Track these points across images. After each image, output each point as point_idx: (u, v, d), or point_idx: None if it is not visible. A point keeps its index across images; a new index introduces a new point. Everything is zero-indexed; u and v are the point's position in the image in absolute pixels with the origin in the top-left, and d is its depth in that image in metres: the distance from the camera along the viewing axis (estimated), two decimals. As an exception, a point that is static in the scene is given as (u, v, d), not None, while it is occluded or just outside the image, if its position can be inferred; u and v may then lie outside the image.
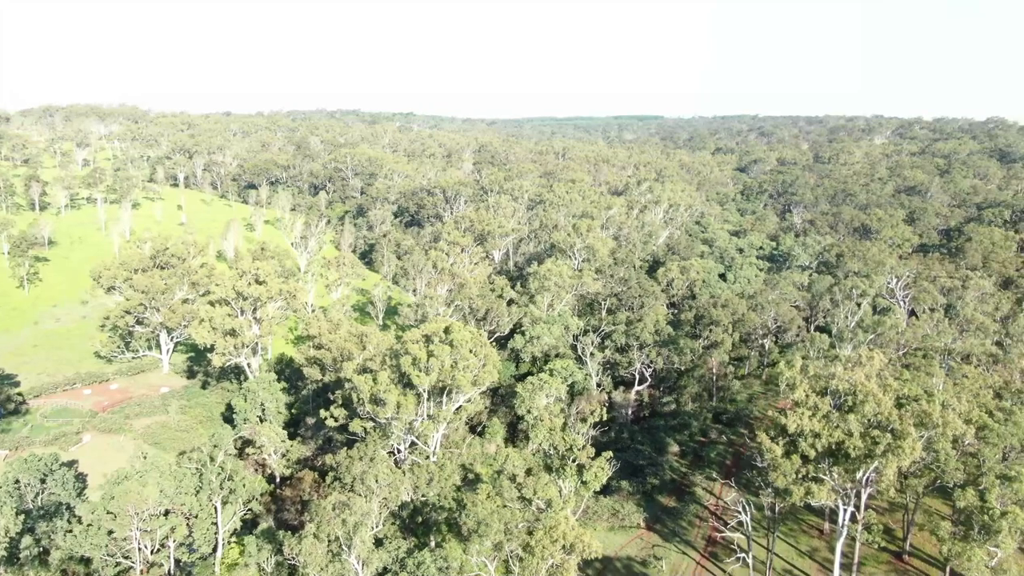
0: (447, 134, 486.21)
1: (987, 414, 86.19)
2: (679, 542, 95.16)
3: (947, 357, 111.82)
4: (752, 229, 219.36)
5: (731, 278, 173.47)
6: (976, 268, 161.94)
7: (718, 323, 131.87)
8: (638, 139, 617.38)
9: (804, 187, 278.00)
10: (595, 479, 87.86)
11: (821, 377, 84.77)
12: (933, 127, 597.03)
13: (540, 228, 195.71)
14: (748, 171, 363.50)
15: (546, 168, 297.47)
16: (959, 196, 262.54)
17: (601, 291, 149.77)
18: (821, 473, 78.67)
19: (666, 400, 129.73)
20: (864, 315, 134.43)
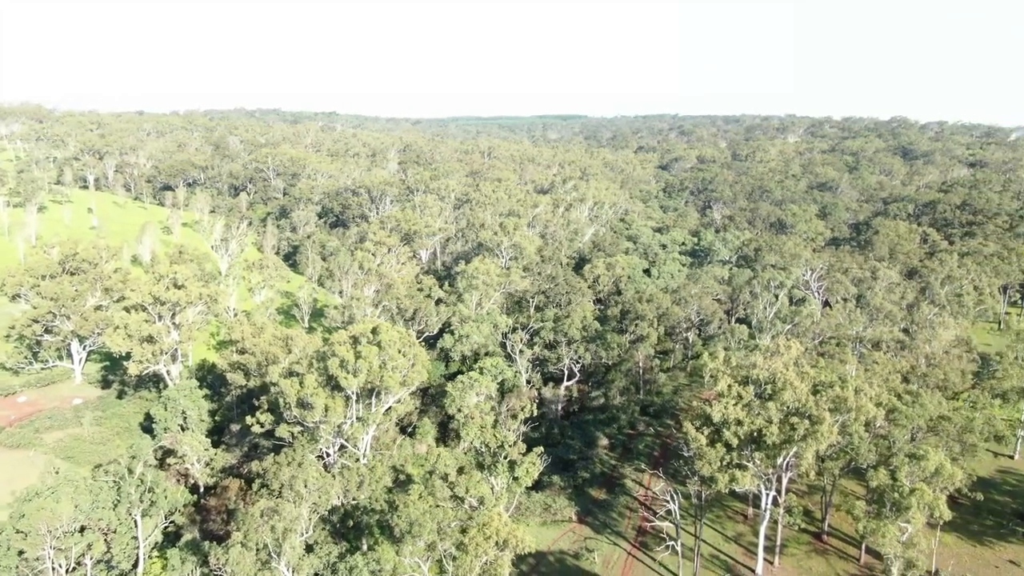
0: (371, 134, 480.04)
1: (896, 397, 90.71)
2: (610, 533, 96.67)
3: (859, 344, 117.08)
4: (674, 225, 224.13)
5: (655, 273, 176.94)
6: (884, 259, 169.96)
7: (643, 318, 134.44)
8: (562, 138, 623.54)
9: (723, 184, 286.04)
10: (527, 475, 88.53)
11: (742, 367, 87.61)
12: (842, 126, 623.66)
13: (467, 227, 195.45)
14: (669, 169, 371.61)
15: (472, 167, 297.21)
16: (867, 191, 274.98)
17: (529, 289, 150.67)
18: (744, 460, 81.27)
19: (595, 394, 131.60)
20: (781, 306, 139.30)
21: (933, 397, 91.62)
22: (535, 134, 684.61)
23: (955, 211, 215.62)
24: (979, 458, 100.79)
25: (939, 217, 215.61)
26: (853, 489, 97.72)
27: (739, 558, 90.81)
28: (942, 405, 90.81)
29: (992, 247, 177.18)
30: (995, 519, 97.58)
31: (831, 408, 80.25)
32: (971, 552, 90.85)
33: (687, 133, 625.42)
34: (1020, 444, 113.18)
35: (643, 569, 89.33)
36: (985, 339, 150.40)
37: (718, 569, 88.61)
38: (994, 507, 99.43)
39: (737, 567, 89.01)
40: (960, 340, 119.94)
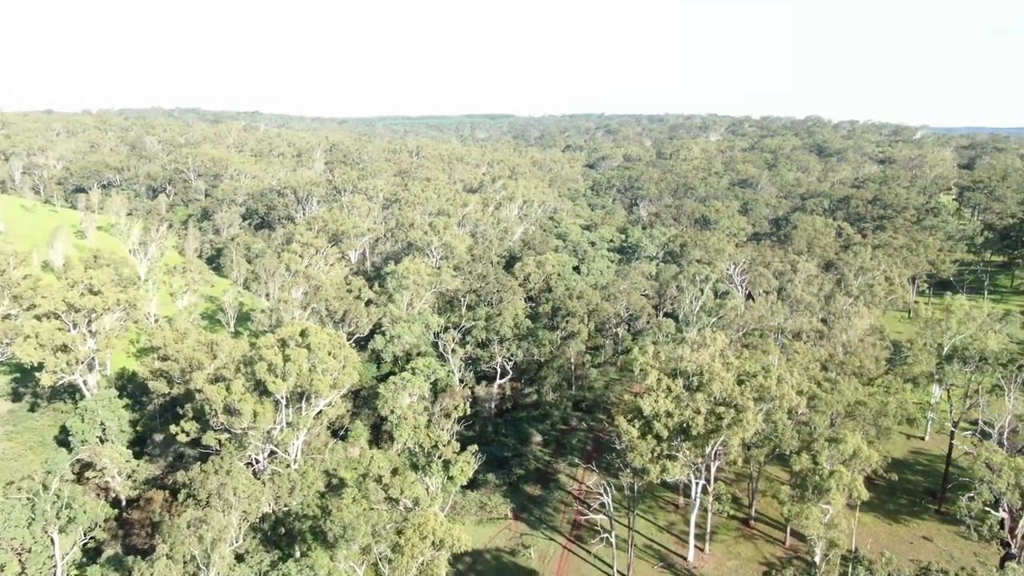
0: (296, 133, 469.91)
1: (816, 385, 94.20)
2: (546, 529, 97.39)
3: (780, 335, 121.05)
4: (602, 223, 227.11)
5: (585, 270, 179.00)
6: (802, 253, 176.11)
7: (574, 314, 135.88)
8: (491, 137, 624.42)
9: (649, 182, 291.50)
10: (461, 474, 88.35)
11: (671, 360, 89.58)
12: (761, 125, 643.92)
13: (397, 227, 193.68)
14: (597, 167, 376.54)
15: (401, 167, 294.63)
16: (785, 188, 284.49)
17: (460, 288, 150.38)
18: (674, 451, 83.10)
19: (528, 392, 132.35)
20: (707, 300, 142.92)
21: (850, 384, 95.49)
22: (464, 133, 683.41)
23: (867, 206, 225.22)
24: (893, 440, 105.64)
25: (852, 212, 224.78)
26: (778, 475, 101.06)
27: (671, 547, 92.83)
28: (858, 391, 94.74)
29: (901, 239, 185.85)
30: (909, 498, 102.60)
31: (755, 397, 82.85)
32: (887, 530, 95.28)
33: (613, 132, 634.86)
34: (930, 426, 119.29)
35: (579, 562, 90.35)
36: (896, 327, 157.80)
37: (652, 558, 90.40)
38: (907, 486, 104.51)
39: (670, 556, 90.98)
40: (874, 329, 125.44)
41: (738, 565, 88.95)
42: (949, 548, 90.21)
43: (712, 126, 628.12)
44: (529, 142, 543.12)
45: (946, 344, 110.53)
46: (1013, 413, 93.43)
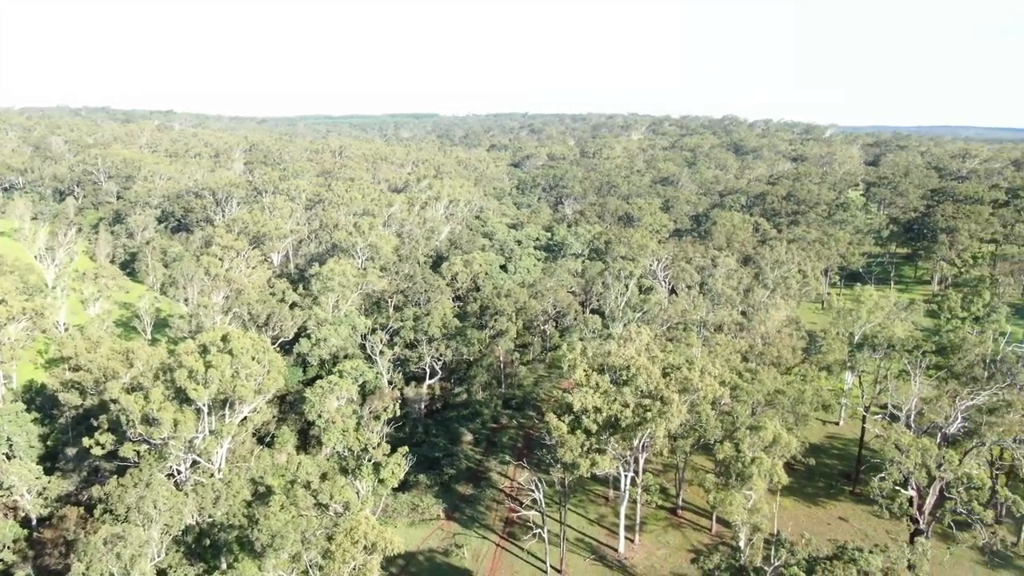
0: (213, 133, 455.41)
1: (737, 375, 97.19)
2: (479, 527, 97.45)
3: (703, 328, 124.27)
4: (528, 221, 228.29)
5: (512, 269, 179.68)
6: (722, 248, 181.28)
7: (502, 313, 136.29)
8: (415, 137, 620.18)
9: (573, 180, 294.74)
10: (392, 476, 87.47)
11: (598, 356, 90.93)
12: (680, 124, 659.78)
13: (321, 228, 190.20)
14: (522, 166, 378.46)
15: (324, 167, 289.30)
16: (704, 185, 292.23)
17: (387, 289, 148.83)
18: (603, 444, 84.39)
19: (458, 391, 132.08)
20: (632, 295, 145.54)
21: (769, 373, 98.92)
22: (388, 133, 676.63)
23: (782, 202, 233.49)
24: (810, 426, 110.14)
25: (768, 208, 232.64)
26: (703, 464, 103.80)
27: (603, 539, 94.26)
28: (777, 380, 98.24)
29: (814, 234, 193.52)
30: (826, 481, 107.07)
31: (680, 389, 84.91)
32: (807, 512, 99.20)
33: (537, 131, 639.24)
34: (844, 411, 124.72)
35: (512, 559, 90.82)
36: (811, 318, 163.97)
37: (584, 551, 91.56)
38: (824, 470, 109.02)
39: (601, 548, 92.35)
40: (790, 320, 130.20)
41: (667, 554, 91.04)
42: (864, 527, 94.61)
43: (634, 125, 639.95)
44: (454, 141, 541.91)
45: (857, 333, 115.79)
46: (919, 396, 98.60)
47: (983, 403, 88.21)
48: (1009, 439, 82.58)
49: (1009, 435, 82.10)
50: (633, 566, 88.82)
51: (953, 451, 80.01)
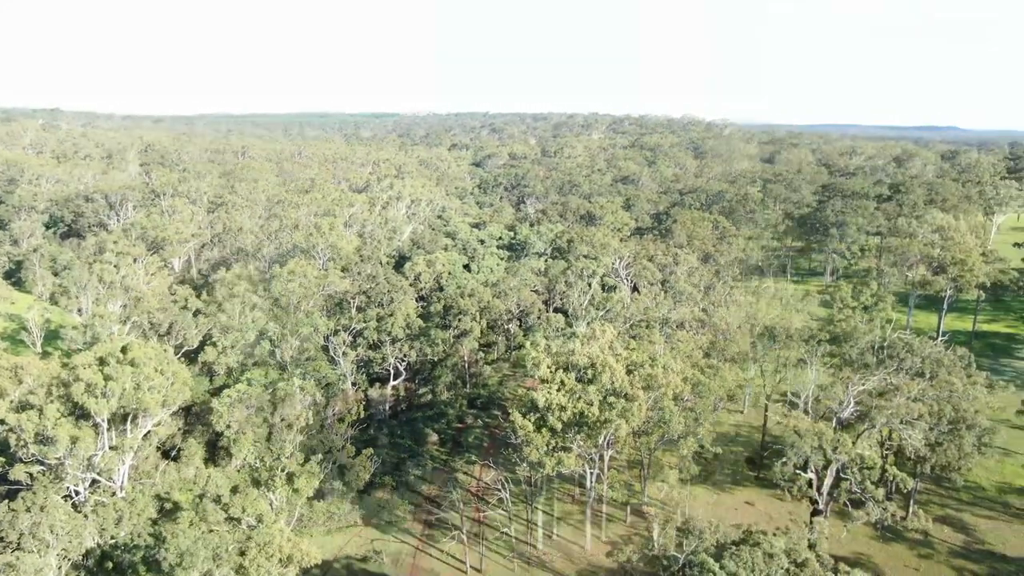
0: (105, 133, 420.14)
1: (699, 371, 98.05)
2: (397, 531, 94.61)
3: (665, 325, 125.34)
4: (491, 221, 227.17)
5: (475, 268, 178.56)
6: (683, 246, 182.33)
7: (466, 312, 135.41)
8: (376, 136, 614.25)
9: (535, 179, 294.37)
10: (306, 484, 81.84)
11: (562, 354, 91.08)
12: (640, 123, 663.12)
13: (224, 232, 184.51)
14: (483, 165, 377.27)
15: (226, 168, 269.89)
16: (665, 183, 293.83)
17: (349, 289, 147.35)
18: (569, 442, 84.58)
19: (422, 391, 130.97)
20: (595, 294, 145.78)
21: (731, 369, 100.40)
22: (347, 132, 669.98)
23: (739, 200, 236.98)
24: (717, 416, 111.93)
25: (726, 205, 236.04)
26: (668, 460, 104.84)
27: (569, 536, 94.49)
28: (738, 375, 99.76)
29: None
30: (732, 468, 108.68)
31: (644, 386, 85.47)
32: (715, 499, 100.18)
33: (498, 130, 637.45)
34: (747, 400, 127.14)
35: (431, 561, 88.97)
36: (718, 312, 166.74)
37: (552, 549, 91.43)
38: (731, 457, 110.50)
39: (568, 545, 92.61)
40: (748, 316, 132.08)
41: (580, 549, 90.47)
42: (768, 510, 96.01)
43: (594, 124, 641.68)
44: (415, 141, 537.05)
45: (757, 324, 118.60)
46: (815, 384, 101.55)
47: (873, 388, 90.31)
48: (896, 421, 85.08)
49: (897, 417, 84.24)
50: (552, 561, 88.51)
51: (847, 434, 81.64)
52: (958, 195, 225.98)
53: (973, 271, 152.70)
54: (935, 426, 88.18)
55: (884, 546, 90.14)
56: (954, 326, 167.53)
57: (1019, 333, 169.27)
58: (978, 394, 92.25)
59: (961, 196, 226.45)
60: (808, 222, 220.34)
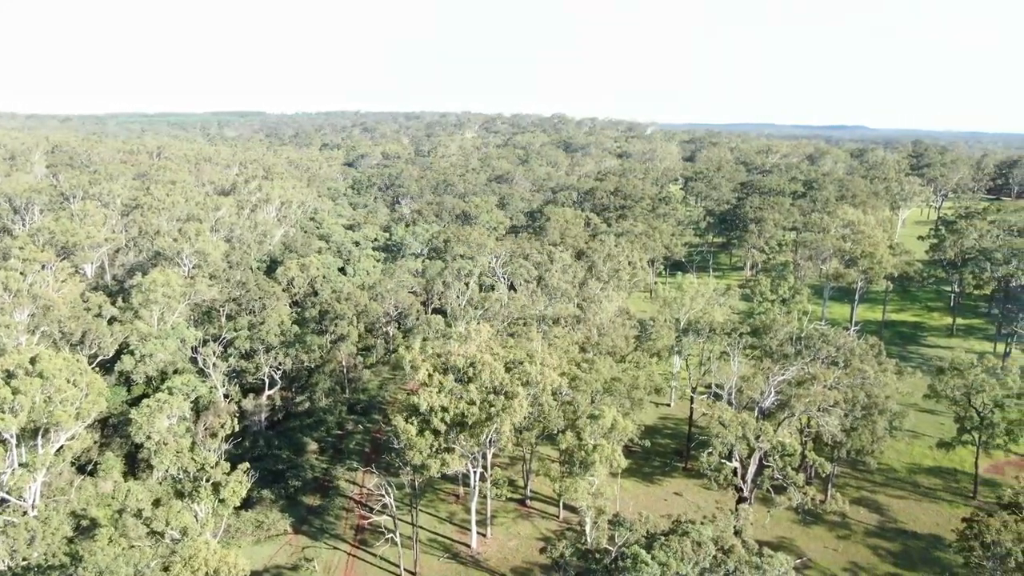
0: (7, 132, 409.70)
1: (576, 366, 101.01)
2: (329, 538, 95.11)
3: (542, 322, 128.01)
4: (366, 222, 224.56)
5: (351, 271, 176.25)
6: (557, 243, 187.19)
7: (343, 316, 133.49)
8: (241, 136, 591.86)
9: (409, 179, 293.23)
10: (233, 495, 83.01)
11: (441, 355, 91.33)
12: (512, 122, 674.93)
13: (140, 235, 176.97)
14: (356, 166, 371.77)
15: (140, 169, 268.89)
16: (537, 182, 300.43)
17: (218, 297, 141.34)
18: (452, 443, 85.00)
19: (300, 399, 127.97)
20: (472, 293, 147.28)
21: (606, 362, 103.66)
22: (211, 132, 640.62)
23: (610, 197, 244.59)
24: (645, 410, 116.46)
25: (598, 203, 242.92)
26: (548, 454, 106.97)
27: (455, 536, 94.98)
28: (613, 368, 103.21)
29: (640, 227, 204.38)
30: (661, 459, 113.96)
31: (523, 383, 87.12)
32: (645, 491, 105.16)
33: (370, 130, 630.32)
34: (674, 393, 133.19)
35: (365, 567, 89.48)
36: (641, 307, 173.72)
37: (437, 550, 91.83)
38: (659, 450, 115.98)
39: (454, 545, 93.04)
40: (622, 310, 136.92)
41: (518, 544, 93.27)
42: (696, 499, 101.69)
43: (467, 123, 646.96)
44: (283, 141, 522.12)
45: (682, 319, 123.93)
46: (738, 375, 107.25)
47: (792, 377, 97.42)
48: (814, 408, 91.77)
49: (814, 405, 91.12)
50: (486, 560, 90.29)
51: (769, 423, 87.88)
52: (867, 191, 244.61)
53: (882, 263, 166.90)
54: (850, 412, 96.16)
55: (805, 529, 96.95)
56: (865, 316, 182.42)
57: (924, 321, 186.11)
58: (888, 380, 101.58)
59: (869, 192, 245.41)
60: (728, 218, 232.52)
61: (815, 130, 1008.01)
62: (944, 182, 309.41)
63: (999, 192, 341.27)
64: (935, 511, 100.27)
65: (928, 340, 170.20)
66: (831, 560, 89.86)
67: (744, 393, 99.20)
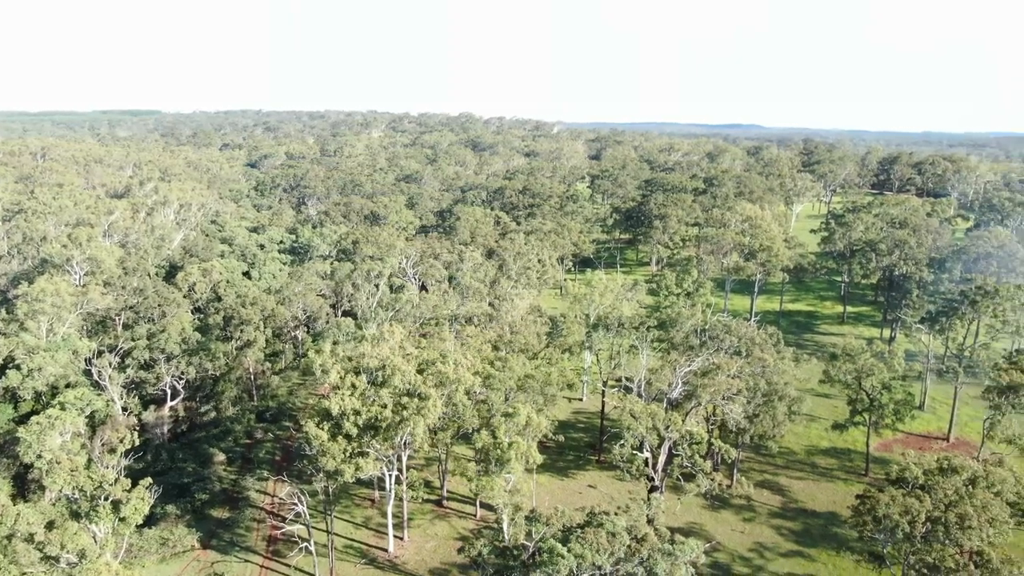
0: None
1: (489, 365, 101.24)
2: (239, 551, 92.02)
3: (454, 322, 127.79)
4: (271, 224, 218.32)
5: (256, 275, 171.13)
6: (467, 243, 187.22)
7: (248, 322, 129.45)
8: (135, 136, 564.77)
9: (315, 180, 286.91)
10: (135, 512, 79.11)
11: (352, 358, 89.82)
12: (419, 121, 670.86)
13: (24, 242, 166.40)
14: (259, 166, 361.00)
15: (23, 171, 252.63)
16: (446, 181, 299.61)
17: (113, 305, 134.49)
18: (365, 447, 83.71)
19: (205, 409, 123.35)
20: (383, 295, 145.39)
21: (518, 360, 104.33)
22: (101, 131, 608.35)
23: (519, 195, 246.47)
24: (558, 405, 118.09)
25: (507, 201, 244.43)
26: (464, 453, 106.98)
27: (371, 541, 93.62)
28: (526, 366, 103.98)
29: (549, 225, 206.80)
30: (575, 453, 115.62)
31: (436, 383, 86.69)
32: (560, 485, 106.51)
33: (273, 129, 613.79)
34: (586, 387, 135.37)
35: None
36: (552, 304, 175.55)
37: (354, 557, 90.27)
38: (573, 444, 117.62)
39: (371, 551, 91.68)
40: (533, 308, 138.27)
41: (436, 545, 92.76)
42: (609, 491, 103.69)
43: (373, 123, 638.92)
44: (181, 141, 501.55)
45: (592, 315, 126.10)
46: (647, 368, 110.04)
47: (698, 368, 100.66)
48: (719, 397, 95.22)
49: (719, 394, 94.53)
50: (404, 563, 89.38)
51: (677, 413, 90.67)
52: (763, 187, 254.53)
53: (778, 256, 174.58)
54: (752, 399, 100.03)
55: (714, 514, 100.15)
56: (764, 307, 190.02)
57: (818, 311, 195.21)
58: (786, 367, 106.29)
59: (765, 188, 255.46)
60: (634, 215, 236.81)
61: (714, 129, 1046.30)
62: (833, 178, 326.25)
63: (882, 187, 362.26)
64: (832, 490, 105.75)
65: (821, 328, 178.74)
66: (738, 542, 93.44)
67: (653, 385, 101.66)
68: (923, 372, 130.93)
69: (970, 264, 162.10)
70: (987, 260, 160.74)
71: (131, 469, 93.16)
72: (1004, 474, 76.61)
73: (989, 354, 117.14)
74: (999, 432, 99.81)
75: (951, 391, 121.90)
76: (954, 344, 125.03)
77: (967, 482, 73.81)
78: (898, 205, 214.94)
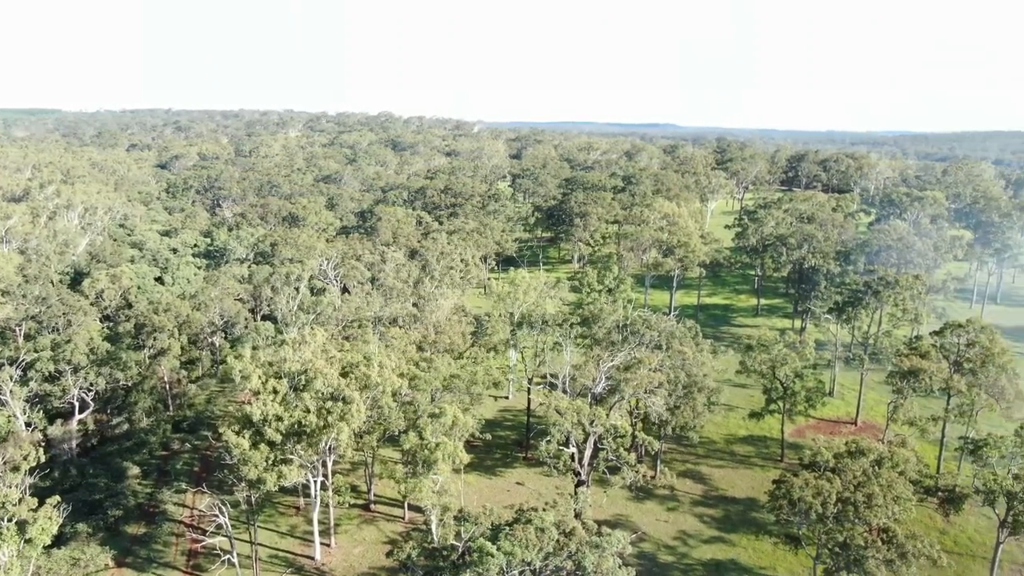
0: None
1: (414, 366, 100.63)
2: (157, 567, 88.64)
3: (378, 323, 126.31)
4: (184, 227, 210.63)
5: (169, 280, 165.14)
6: (389, 243, 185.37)
7: (162, 329, 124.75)
8: (33, 136, 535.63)
9: (230, 181, 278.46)
10: (42, 533, 75.14)
11: (273, 363, 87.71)
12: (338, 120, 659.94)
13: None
14: (170, 167, 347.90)
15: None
16: (367, 181, 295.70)
17: (13, 316, 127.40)
18: (289, 454, 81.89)
19: (117, 422, 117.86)
20: (304, 298, 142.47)
21: (444, 360, 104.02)
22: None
23: (441, 195, 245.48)
24: (484, 404, 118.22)
25: (429, 201, 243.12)
26: (391, 456, 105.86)
27: (297, 550, 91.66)
28: (452, 366, 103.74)
29: (472, 224, 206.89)
30: (502, 451, 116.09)
31: (361, 387, 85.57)
32: (489, 483, 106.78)
33: (184, 129, 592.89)
34: (512, 385, 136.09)
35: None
36: (476, 302, 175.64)
37: (279, 567, 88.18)
38: (500, 442, 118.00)
39: (297, 559, 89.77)
40: (458, 307, 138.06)
41: (364, 550, 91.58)
42: (537, 487, 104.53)
43: (290, 122, 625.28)
44: (84, 141, 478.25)
45: (516, 313, 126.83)
46: (571, 364, 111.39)
47: (620, 363, 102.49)
48: (641, 390, 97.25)
49: (641, 387, 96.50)
50: (331, 570, 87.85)
51: (601, 408, 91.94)
52: (679, 185, 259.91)
53: (695, 252, 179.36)
54: (673, 392, 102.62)
55: (639, 505, 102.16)
56: (683, 301, 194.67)
57: (733, 304, 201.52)
58: (705, 360, 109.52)
59: (682, 186, 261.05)
60: (555, 213, 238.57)
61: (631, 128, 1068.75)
62: (745, 175, 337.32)
63: (791, 184, 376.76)
64: (750, 476, 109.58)
65: (737, 320, 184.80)
66: (663, 531, 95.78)
67: (577, 381, 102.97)
68: (831, 360, 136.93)
69: (873, 256, 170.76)
70: (888, 252, 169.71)
71: (37, 487, 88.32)
72: (907, 454, 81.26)
73: (891, 341, 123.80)
74: (902, 415, 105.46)
75: (858, 377, 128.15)
76: (859, 332, 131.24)
77: (873, 463, 77.71)
78: (806, 201, 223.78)
